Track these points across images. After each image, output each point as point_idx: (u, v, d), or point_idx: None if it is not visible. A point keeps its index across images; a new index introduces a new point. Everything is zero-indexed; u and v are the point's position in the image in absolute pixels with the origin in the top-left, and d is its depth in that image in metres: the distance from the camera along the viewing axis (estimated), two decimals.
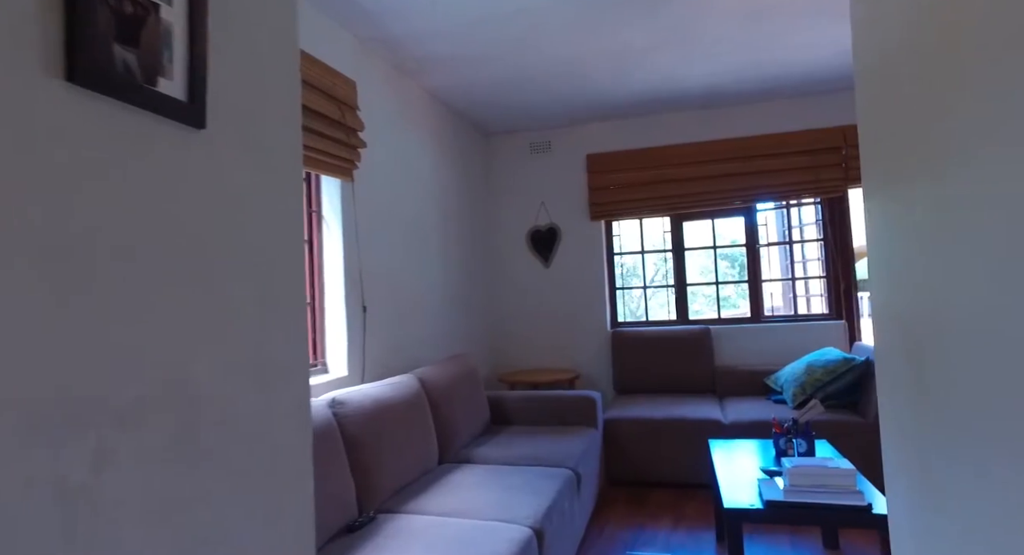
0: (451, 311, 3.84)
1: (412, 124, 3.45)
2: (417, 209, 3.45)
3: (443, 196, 3.86)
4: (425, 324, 3.43)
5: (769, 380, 3.92)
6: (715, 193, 4.29)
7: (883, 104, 1.02)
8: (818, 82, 3.92)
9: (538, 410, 3.45)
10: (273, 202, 0.93)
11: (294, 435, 0.96)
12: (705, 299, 14.37)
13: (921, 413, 0.92)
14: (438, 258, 3.70)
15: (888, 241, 1.02)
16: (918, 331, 0.91)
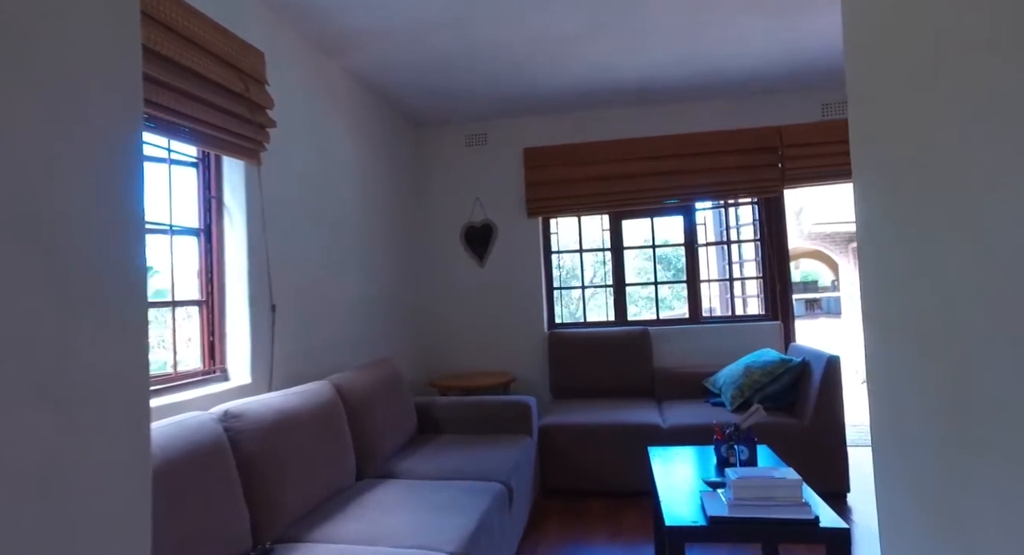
0: (376, 311, 3.56)
1: (333, 108, 3.16)
2: (338, 200, 3.16)
3: (369, 188, 3.58)
4: (345, 325, 3.15)
5: (708, 382, 3.85)
6: (654, 191, 4.20)
7: (877, 85, 0.88)
8: (754, 80, 3.89)
9: (470, 417, 3.22)
10: (85, 164, 0.66)
11: (118, 481, 0.70)
12: (641, 301, 14.62)
13: (961, 426, 0.75)
14: (362, 254, 3.42)
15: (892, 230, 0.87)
16: (954, 322, 0.73)
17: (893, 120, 0.85)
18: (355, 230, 3.35)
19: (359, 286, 3.35)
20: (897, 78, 0.84)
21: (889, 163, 0.87)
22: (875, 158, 0.93)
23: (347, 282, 3.19)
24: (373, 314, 3.51)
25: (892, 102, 0.85)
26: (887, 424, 0.89)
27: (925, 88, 0.76)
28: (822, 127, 4.03)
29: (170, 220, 2.07)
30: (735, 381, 3.51)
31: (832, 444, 3.14)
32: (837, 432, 3.14)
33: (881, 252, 0.89)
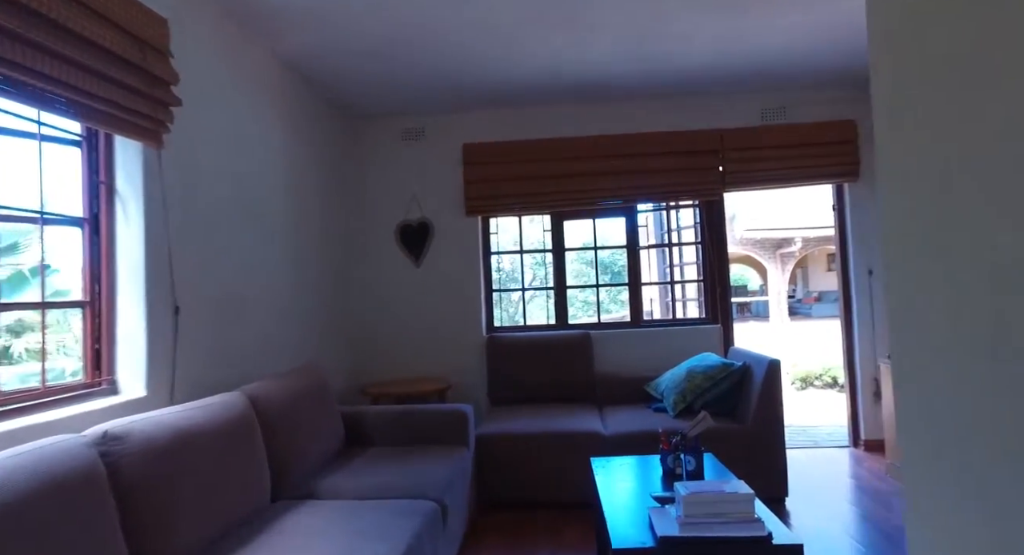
0: (303, 314, 3.28)
1: (258, 94, 2.87)
2: (261, 194, 2.88)
3: (297, 182, 3.30)
4: (267, 329, 2.87)
5: (649, 387, 3.77)
6: (597, 191, 4.11)
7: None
8: (697, 82, 3.85)
9: (402, 427, 3.00)
10: None
11: None
12: (578, 304, 14.70)
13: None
14: (288, 253, 3.14)
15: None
16: None
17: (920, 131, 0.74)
18: (281, 226, 3.07)
19: (284, 287, 3.06)
20: (925, 86, 0.72)
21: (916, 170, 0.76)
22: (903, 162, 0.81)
23: (270, 282, 2.91)
24: (300, 317, 3.23)
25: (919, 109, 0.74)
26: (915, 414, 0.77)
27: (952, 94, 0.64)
28: (761, 132, 4.04)
29: (40, 206, 1.75)
30: (677, 386, 3.45)
31: (772, 448, 3.11)
32: (777, 436, 3.12)
33: (908, 256, 0.77)
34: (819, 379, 7.38)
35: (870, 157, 4.06)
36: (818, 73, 3.81)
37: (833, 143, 4.01)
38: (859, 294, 4.06)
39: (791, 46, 3.34)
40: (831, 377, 7.27)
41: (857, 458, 3.91)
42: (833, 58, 3.56)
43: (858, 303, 4.06)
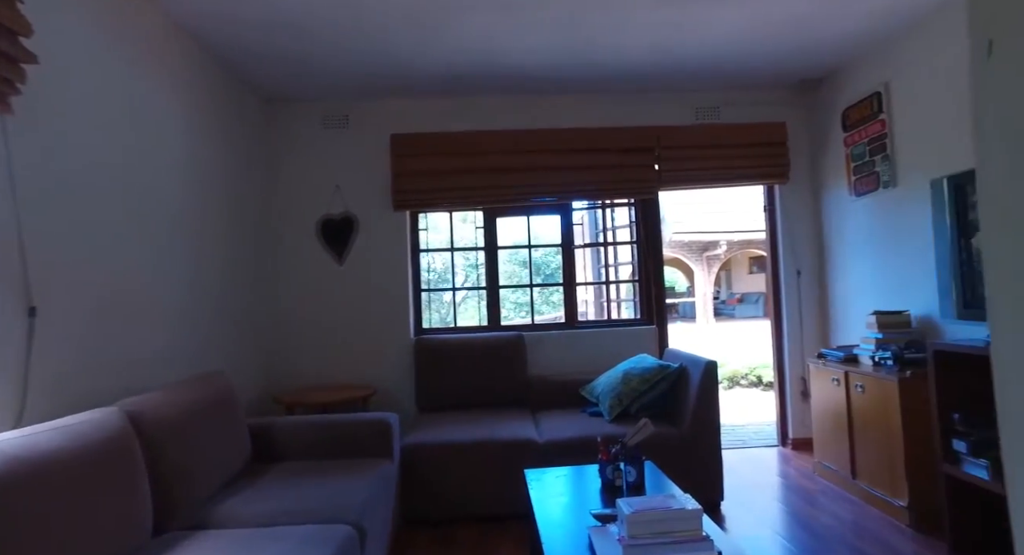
0: (205, 317, 2.93)
1: (147, 63, 2.51)
2: (149, 179, 2.52)
3: (200, 168, 2.94)
4: (159, 335, 2.51)
5: (584, 390, 3.64)
6: (532, 187, 3.94)
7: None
8: (633, 77, 3.76)
9: (318, 439, 2.71)
10: None
11: None
12: (509, 305, 14.56)
13: None
14: (186, 247, 2.78)
15: None
16: None
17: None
18: (178, 216, 2.71)
19: (183, 285, 2.71)
20: None
21: None
22: None
23: (165, 280, 2.55)
24: (203, 320, 2.87)
25: None
26: None
27: None
28: (696, 131, 4.01)
29: None
30: (613, 389, 3.32)
31: (709, 452, 3.04)
32: (714, 440, 3.04)
33: None
34: (745, 378, 7.55)
35: (798, 159, 4.10)
36: (751, 75, 3.81)
37: (764, 144, 4.03)
38: (788, 295, 4.09)
39: (726, 46, 3.29)
40: (756, 376, 7.45)
41: (785, 457, 3.94)
42: (765, 60, 3.56)
43: (787, 304, 4.10)
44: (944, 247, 2.59)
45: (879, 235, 3.48)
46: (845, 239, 3.81)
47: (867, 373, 2.99)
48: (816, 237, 4.10)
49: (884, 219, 3.44)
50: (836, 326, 3.93)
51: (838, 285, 3.90)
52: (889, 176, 3.36)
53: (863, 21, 3.09)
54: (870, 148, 3.51)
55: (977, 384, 2.49)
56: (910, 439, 2.73)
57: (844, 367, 3.17)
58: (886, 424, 2.85)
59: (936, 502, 2.68)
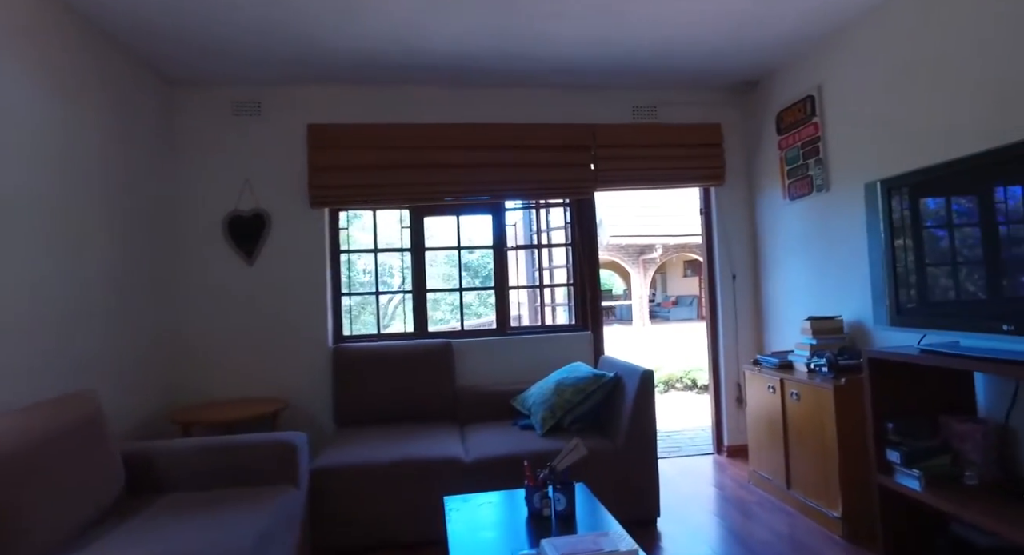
0: (86, 325, 2.53)
1: (9, 37, 2.12)
2: (22, 168, 2.12)
3: (77, 160, 2.54)
4: (20, 348, 2.12)
5: (516, 402, 3.43)
6: (462, 185, 3.71)
7: None
8: (569, 71, 3.59)
9: (211, 466, 2.38)
10: None
11: None
12: (449, 309, 14.24)
13: None
14: (63, 247, 2.38)
15: None
16: None
17: None
18: (56, 215, 2.32)
19: (60, 291, 2.31)
20: None
21: None
22: None
23: (35, 287, 2.16)
24: (83, 329, 2.48)
25: None
26: None
27: None
28: (633, 130, 3.88)
29: None
30: (546, 401, 3.13)
31: (645, 467, 2.89)
32: (650, 454, 2.90)
33: None
34: (680, 381, 7.57)
35: (734, 162, 4.05)
36: (688, 75, 3.72)
37: (700, 146, 3.95)
38: (724, 299, 4.03)
39: (664, 43, 3.17)
40: (691, 379, 7.48)
41: (720, 465, 3.86)
42: (703, 60, 3.47)
43: (723, 308, 4.03)
44: (878, 253, 2.53)
45: (813, 240, 3.45)
46: (779, 243, 3.77)
47: (802, 381, 2.92)
48: (751, 241, 4.06)
49: (817, 223, 3.40)
50: (771, 331, 3.89)
51: (773, 290, 3.86)
52: (822, 180, 3.32)
53: (796, 22, 3.04)
54: (804, 151, 3.47)
55: (910, 393, 2.44)
56: (844, 448, 2.67)
57: (779, 374, 3.10)
58: (821, 433, 2.78)
59: (870, 513, 2.62)
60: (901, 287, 2.44)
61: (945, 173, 2.20)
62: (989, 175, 2.03)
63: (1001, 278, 2.00)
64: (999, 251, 2.01)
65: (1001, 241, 2.01)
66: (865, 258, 3.02)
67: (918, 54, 2.67)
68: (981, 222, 2.09)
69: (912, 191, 2.37)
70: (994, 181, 2.01)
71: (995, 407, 2.40)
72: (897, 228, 2.45)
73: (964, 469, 2.24)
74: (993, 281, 2.04)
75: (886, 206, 2.49)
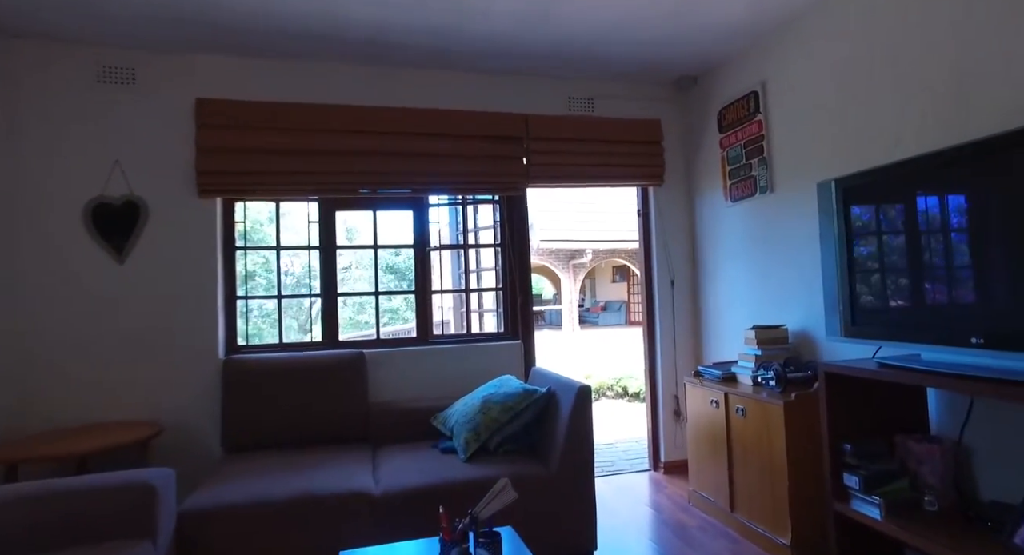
0: None
1: None
2: None
3: None
4: None
5: (437, 420, 3.04)
6: (379, 176, 3.29)
7: None
8: (500, 54, 3.26)
9: (40, 521, 1.85)
10: None
11: None
12: (373, 314, 13.46)
13: None
14: None
15: None
16: None
17: None
18: None
19: None
20: None
21: None
22: None
23: None
24: None
25: None
26: None
27: None
28: (569, 122, 3.59)
29: None
30: (470, 420, 2.76)
31: (581, 495, 2.57)
32: (586, 480, 2.58)
33: None
34: (611, 389, 7.39)
35: (674, 161, 3.84)
36: (628, 66, 3.46)
37: (639, 142, 3.72)
38: (662, 305, 3.80)
39: (602, 29, 2.89)
40: (621, 387, 7.32)
41: (658, 484, 3.62)
42: (642, 50, 3.22)
43: (660, 315, 3.81)
44: (831, 258, 2.33)
45: (756, 244, 3.27)
46: (720, 247, 3.58)
47: (748, 395, 2.70)
48: (691, 245, 3.86)
49: (761, 227, 3.22)
50: (711, 340, 3.69)
51: (714, 296, 3.67)
52: (766, 181, 3.14)
53: (742, 13, 2.83)
54: (747, 151, 3.29)
55: (865, 410, 2.25)
56: (795, 469, 2.46)
57: (723, 388, 2.87)
58: (769, 452, 2.56)
59: (822, 541, 2.41)
60: (858, 296, 2.24)
61: (907, 171, 2.01)
62: (957, 173, 1.85)
63: (967, 287, 1.82)
64: (966, 257, 1.83)
65: (964, 247, 1.82)
66: (812, 264, 2.85)
67: (869, 48, 2.51)
68: (945, 226, 1.91)
69: (870, 191, 2.18)
70: (964, 179, 1.83)
71: (947, 424, 2.24)
72: (853, 232, 2.25)
73: (923, 493, 2.06)
74: (959, 290, 1.85)
75: (841, 208, 2.29)
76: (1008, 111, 1.98)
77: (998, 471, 2.05)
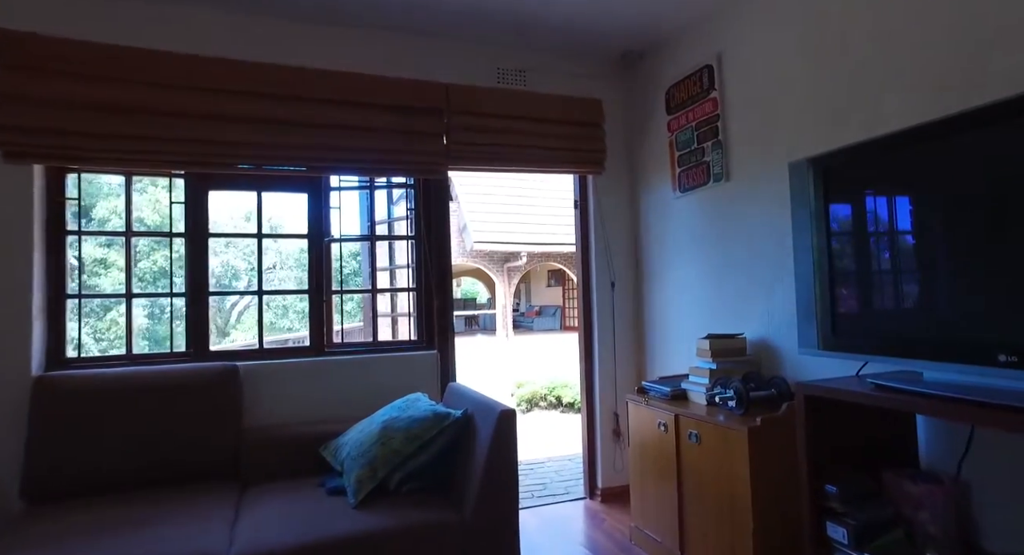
0: None
1: None
2: None
3: None
4: None
5: (327, 451, 2.44)
6: (264, 149, 2.66)
7: None
8: (419, 6, 2.70)
9: None
10: None
11: None
12: (293, 317, 12.31)
13: None
14: None
15: None
16: None
17: None
18: None
19: None
20: None
21: None
22: None
23: None
24: None
25: None
26: None
27: None
28: (497, 96, 3.07)
29: None
30: (365, 452, 2.18)
31: (502, 546, 2.04)
32: (508, 526, 2.05)
33: None
34: (544, 400, 6.93)
35: (616, 148, 3.40)
36: (566, 37, 2.99)
37: (578, 124, 3.24)
38: (601, 310, 3.34)
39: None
40: (555, 397, 6.87)
41: (594, 515, 3.14)
42: (583, 20, 2.75)
43: (599, 321, 3.34)
44: (806, 255, 1.92)
45: (708, 240, 2.85)
46: (668, 245, 3.16)
47: (703, 418, 2.25)
48: (634, 242, 3.42)
49: (714, 220, 2.81)
50: (658, 350, 3.25)
51: (660, 300, 3.24)
52: (721, 167, 2.73)
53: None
54: (699, 134, 2.88)
55: (846, 439, 1.83)
56: (762, 511, 2.02)
57: (673, 408, 2.42)
58: (729, 487, 2.12)
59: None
60: (839, 301, 1.83)
61: (907, 142, 1.61)
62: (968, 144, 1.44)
63: (995, 290, 1.42)
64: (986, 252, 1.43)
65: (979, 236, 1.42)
66: (775, 263, 2.44)
67: (845, 9, 2.12)
68: (954, 212, 1.50)
69: (857, 171, 1.77)
70: (976, 151, 1.43)
71: (938, 454, 1.87)
72: (835, 223, 1.84)
73: (923, 547, 1.65)
74: (980, 295, 1.45)
75: (820, 193, 1.88)
76: None
77: (1006, 513, 1.68)
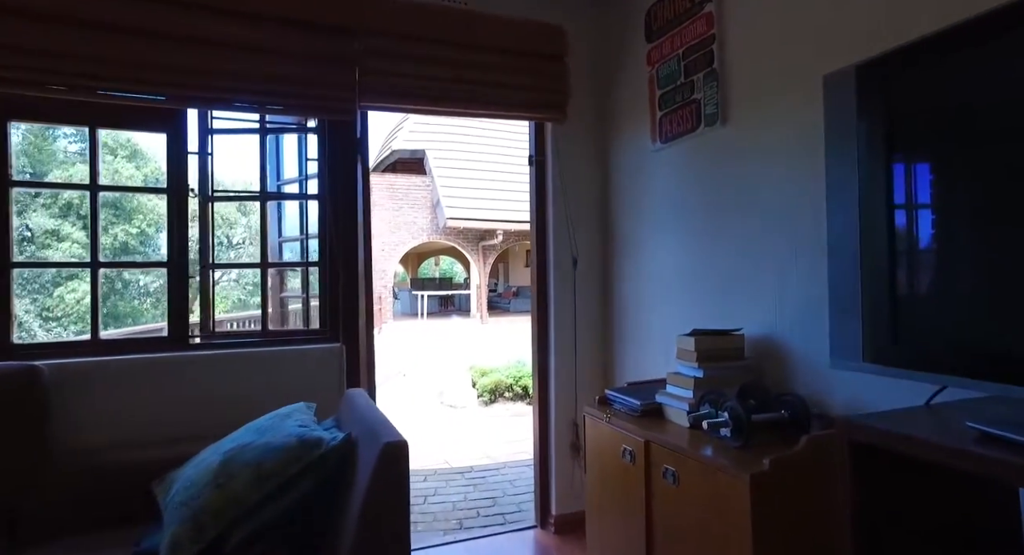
0: None
1: None
2: None
3: None
4: None
5: (160, 487, 1.74)
6: (102, 66, 1.92)
7: None
8: None
9: None
10: None
11: None
12: (252, 298, 11.43)
13: None
14: None
15: None
16: None
17: None
18: None
19: None
20: None
21: None
22: None
23: None
24: None
25: None
26: None
27: None
28: (428, 14, 2.34)
29: None
30: (192, 498, 1.49)
31: None
32: None
33: None
34: (510, 389, 6.29)
35: (581, 89, 2.69)
36: None
37: (535, 56, 2.54)
38: (559, 296, 2.66)
39: None
40: (522, 387, 6.23)
41: (545, 551, 2.50)
42: None
43: (557, 309, 2.67)
44: (849, 216, 1.24)
45: (697, 207, 2.17)
46: (644, 212, 2.47)
47: (683, 449, 1.59)
48: (603, 209, 2.74)
49: (705, 178, 2.13)
50: (629, 348, 2.59)
51: (633, 284, 2.56)
52: (716, 105, 2.04)
53: None
54: (687, 63, 2.18)
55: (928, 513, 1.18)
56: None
57: (643, 430, 1.76)
58: (722, 548, 1.47)
59: None
60: (906, 290, 1.16)
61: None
62: None
63: None
64: None
65: None
66: (789, 232, 1.77)
67: None
68: None
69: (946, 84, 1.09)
70: None
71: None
72: (902, 168, 1.17)
73: None
74: None
75: (876, 124, 1.20)
76: None
77: None
